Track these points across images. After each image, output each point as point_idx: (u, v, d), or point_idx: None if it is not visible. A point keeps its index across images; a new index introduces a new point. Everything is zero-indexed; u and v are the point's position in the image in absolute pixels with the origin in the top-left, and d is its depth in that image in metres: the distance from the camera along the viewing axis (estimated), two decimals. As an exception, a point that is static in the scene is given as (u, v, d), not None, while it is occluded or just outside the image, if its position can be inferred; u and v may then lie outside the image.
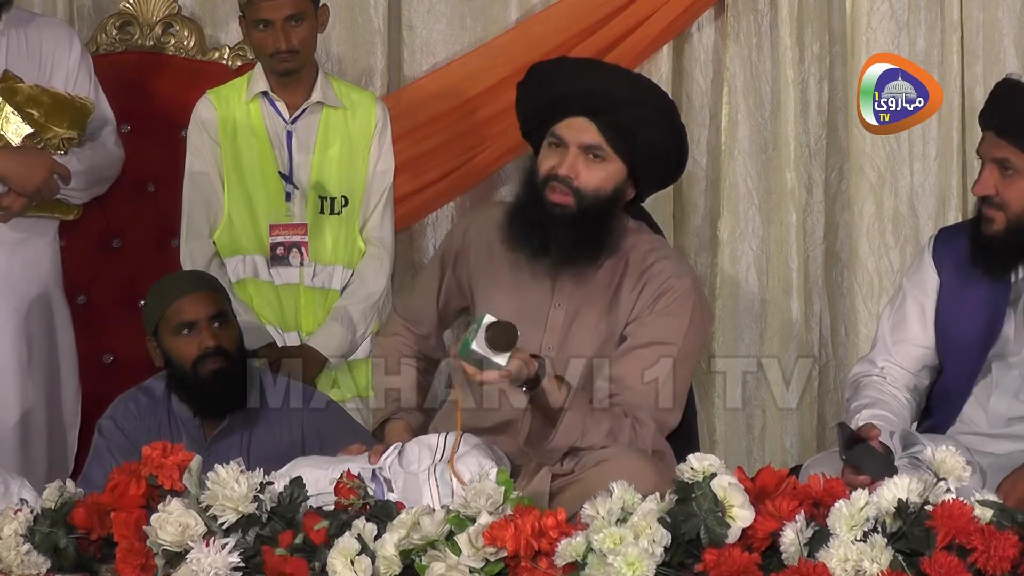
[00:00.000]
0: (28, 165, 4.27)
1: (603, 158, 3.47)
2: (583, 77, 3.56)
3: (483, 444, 3.35)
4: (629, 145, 3.47)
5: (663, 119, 3.54)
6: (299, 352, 4.36)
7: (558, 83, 3.56)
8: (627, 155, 3.48)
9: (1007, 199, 3.52)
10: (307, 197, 4.44)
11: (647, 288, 3.50)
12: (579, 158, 3.47)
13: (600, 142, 3.46)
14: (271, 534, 2.93)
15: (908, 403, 3.69)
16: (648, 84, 3.72)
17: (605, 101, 3.46)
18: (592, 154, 3.47)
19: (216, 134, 4.47)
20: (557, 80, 3.57)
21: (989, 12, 4.83)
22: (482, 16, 5.01)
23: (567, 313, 3.52)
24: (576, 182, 3.46)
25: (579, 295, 3.52)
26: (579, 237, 3.46)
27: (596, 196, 3.46)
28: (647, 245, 3.59)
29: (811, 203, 4.93)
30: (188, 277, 4.23)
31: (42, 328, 4.41)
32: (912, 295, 3.75)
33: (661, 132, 3.51)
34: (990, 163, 3.53)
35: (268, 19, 4.37)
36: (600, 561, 2.71)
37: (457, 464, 3.23)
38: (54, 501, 3.15)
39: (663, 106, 3.59)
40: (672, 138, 3.56)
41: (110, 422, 4.04)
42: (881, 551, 2.68)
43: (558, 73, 3.61)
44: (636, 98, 3.51)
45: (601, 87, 3.50)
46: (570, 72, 3.60)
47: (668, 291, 3.49)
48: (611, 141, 3.46)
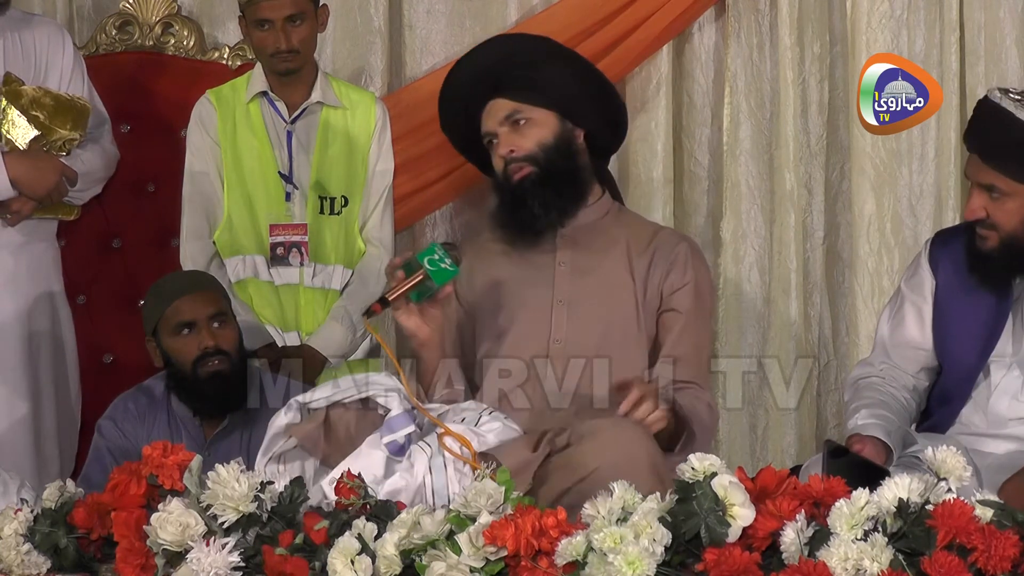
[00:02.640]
0: (39, 169, 4.28)
1: (528, 118, 3.59)
2: (468, 67, 3.71)
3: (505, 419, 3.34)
4: (540, 93, 3.59)
5: (552, 55, 3.67)
6: (299, 352, 4.36)
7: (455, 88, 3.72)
8: (545, 102, 3.60)
9: (998, 221, 3.55)
10: (307, 197, 4.44)
11: (661, 249, 3.60)
12: (510, 133, 3.59)
13: (514, 107, 3.59)
14: (271, 534, 2.93)
15: (907, 403, 3.70)
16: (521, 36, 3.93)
17: (493, 76, 3.60)
18: (515, 121, 3.59)
19: (216, 134, 4.47)
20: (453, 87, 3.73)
21: (991, 12, 4.83)
22: (481, 16, 5.01)
23: (572, 268, 3.60)
24: (520, 152, 3.58)
25: (580, 254, 3.60)
26: (554, 189, 3.57)
27: (544, 149, 3.58)
28: (640, 218, 3.79)
29: (812, 203, 4.93)
30: (187, 277, 4.23)
31: (47, 329, 4.42)
32: (909, 299, 3.76)
33: (558, 67, 3.64)
34: (977, 187, 3.56)
35: (268, 19, 4.37)
36: (600, 560, 2.70)
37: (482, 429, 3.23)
38: (54, 501, 3.15)
39: (544, 45, 3.73)
40: (571, 65, 3.68)
41: (110, 422, 4.05)
42: (881, 550, 2.68)
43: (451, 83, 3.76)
44: (517, 50, 3.66)
45: (479, 69, 3.65)
46: (458, 73, 3.74)
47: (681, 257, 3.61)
48: (524, 99, 3.59)
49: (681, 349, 3.56)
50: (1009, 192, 3.52)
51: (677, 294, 3.58)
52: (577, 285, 3.57)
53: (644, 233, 3.66)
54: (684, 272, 3.59)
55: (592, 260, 3.60)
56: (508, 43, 3.78)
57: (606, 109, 3.70)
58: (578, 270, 3.59)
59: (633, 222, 3.73)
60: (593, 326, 3.54)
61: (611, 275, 3.58)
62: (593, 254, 3.60)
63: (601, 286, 3.57)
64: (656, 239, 3.63)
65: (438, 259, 3.39)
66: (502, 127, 3.60)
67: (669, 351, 3.55)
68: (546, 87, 3.59)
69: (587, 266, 3.59)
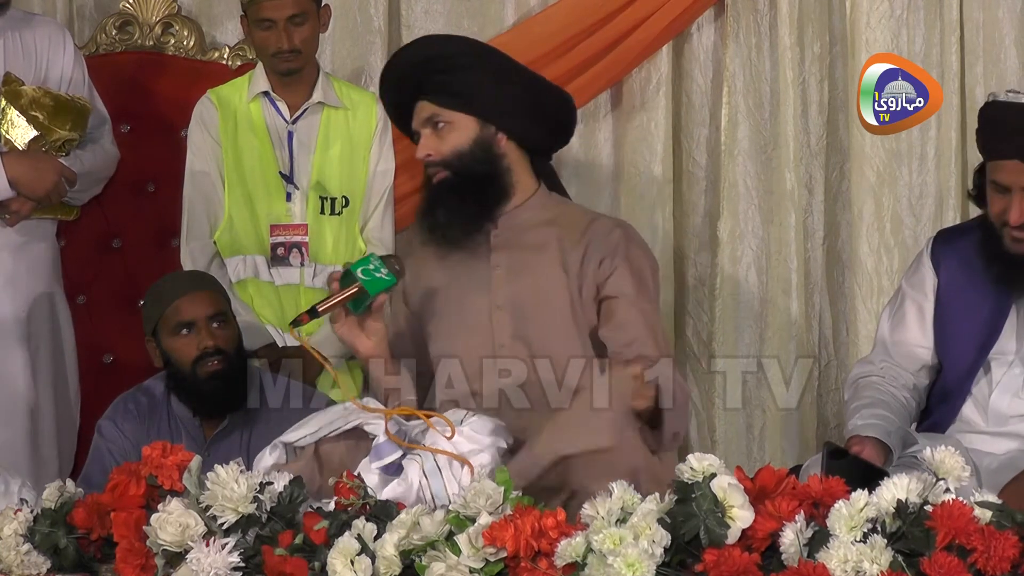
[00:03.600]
0: (38, 170, 4.28)
1: (447, 122, 3.58)
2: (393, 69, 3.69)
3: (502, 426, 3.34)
4: (458, 98, 3.58)
5: (473, 59, 3.64)
6: (299, 352, 4.35)
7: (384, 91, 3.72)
8: (464, 107, 3.58)
9: None
10: (307, 197, 4.44)
11: (594, 241, 3.57)
12: (431, 135, 3.59)
13: (433, 111, 3.59)
14: (271, 534, 2.93)
15: (908, 402, 3.70)
16: (442, 38, 3.90)
17: (416, 75, 3.59)
18: (434, 124, 3.59)
19: (217, 134, 4.47)
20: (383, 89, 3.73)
21: (990, 12, 4.83)
22: (479, 16, 5.01)
23: (507, 271, 3.58)
24: (437, 156, 3.58)
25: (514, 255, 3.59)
26: (464, 196, 3.56)
27: (459, 155, 3.57)
28: (577, 208, 3.74)
29: (812, 203, 4.93)
30: (187, 277, 4.23)
31: (47, 329, 4.42)
32: (910, 296, 3.76)
33: (478, 71, 3.61)
34: (1022, 191, 3.53)
35: (270, 19, 4.37)
36: (600, 562, 2.70)
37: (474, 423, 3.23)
38: (54, 501, 3.14)
39: (465, 49, 3.70)
40: (493, 70, 3.64)
41: (110, 423, 4.04)
42: (881, 551, 2.68)
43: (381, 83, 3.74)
44: (435, 54, 3.62)
45: (403, 67, 3.64)
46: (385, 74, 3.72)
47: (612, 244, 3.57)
48: (443, 104, 3.58)
49: (633, 331, 3.52)
50: None
51: (612, 280, 3.55)
52: (514, 288, 3.56)
53: (578, 225, 3.62)
54: (615, 258, 3.56)
55: (526, 261, 3.59)
56: (429, 46, 3.74)
57: (534, 111, 3.65)
58: (514, 272, 3.58)
59: (568, 213, 3.68)
60: (532, 329, 3.54)
61: (545, 274, 3.57)
62: (527, 254, 3.59)
63: (537, 287, 3.56)
64: (589, 230, 3.61)
65: (373, 269, 3.39)
66: (424, 128, 3.60)
67: (621, 337, 3.51)
68: (463, 92, 3.58)
69: (522, 267, 3.58)
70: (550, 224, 3.62)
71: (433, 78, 3.58)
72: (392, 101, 3.72)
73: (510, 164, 3.61)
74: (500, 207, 3.60)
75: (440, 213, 3.57)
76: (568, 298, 3.56)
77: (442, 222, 3.57)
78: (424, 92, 3.59)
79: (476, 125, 3.59)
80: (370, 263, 3.39)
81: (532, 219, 3.62)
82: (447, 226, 3.57)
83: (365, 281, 3.38)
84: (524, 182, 3.64)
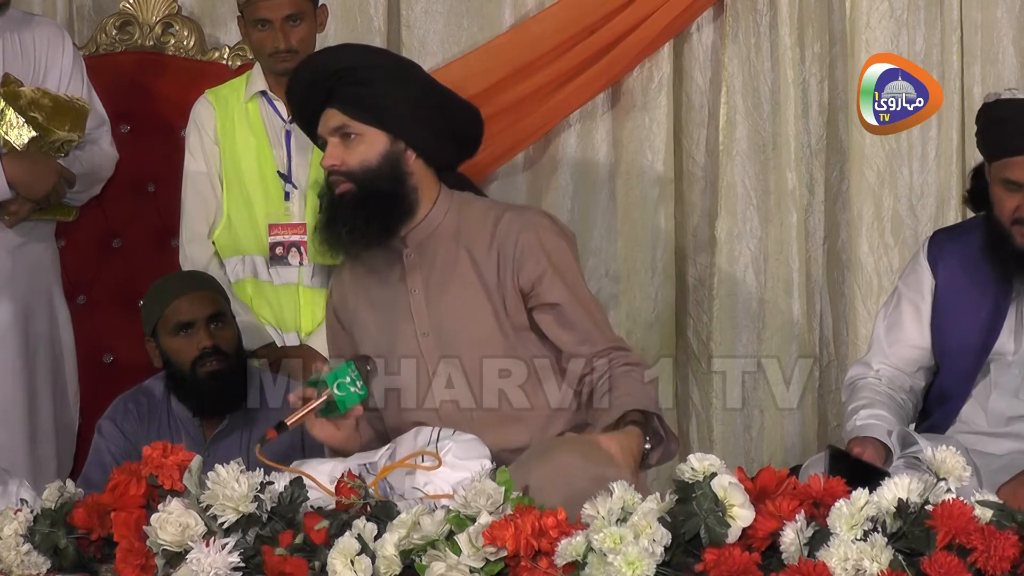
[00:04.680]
0: (37, 171, 4.28)
1: (357, 134, 3.49)
2: (304, 74, 3.60)
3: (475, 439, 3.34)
4: (369, 111, 3.49)
5: (388, 74, 3.55)
6: (299, 352, 4.36)
7: (291, 94, 3.64)
8: (375, 121, 3.50)
9: None
10: (306, 196, 4.44)
11: (505, 247, 3.50)
12: (338, 145, 3.50)
13: (344, 121, 3.49)
14: (271, 534, 2.93)
15: (904, 404, 3.70)
16: (360, 48, 3.76)
17: (328, 83, 3.50)
18: (344, 135, 3.50)
19: (215, 134, 4.47)
20: (290, 92, 3.65)
21: (988, 12, 4.83)
22: (478, 16, 5.01)
23: (426, 295, 3.52)
24: (343, 167, 3.49)
25: (428, 275, 3.53)
26: (369, 212, 3.48)
27: (366, 170, 3.48)
28: (480, 208, 3.60)
29: (812, 203, 4.93)
30: (186, 277, 4.23)
31: (45, 329, 4.42)
32: (907, 297, 3.76)
33: (391, 86, 3.53)
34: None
35: (267, 18, 4.37)
36: (600, 560, 2.70)
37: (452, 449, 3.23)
38: (54, 501, 3.15)
39: (381, 62, 3.61)
40: (408, 86, 3.55)
41: (110, 423, 4.05)
42: (881, 551, 2.68)
43: (288, 86, 3.67)
44: (351, 65, 3.53)
45: (316, 73, 3.54)
46: (293, 77, 3.64)
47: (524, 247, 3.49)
48: (353, 115, 3.49)
49: (581, 330, 3.48)
50: None
51: (543, 289, 3.48)
52: (434, 312, 3.50)
53: (484, 230, 3.53)
54: (535, 261, 3.48)
55: (441, 280, 3.51)
56: (345, 55, 3.61)
57: (444, 129, 3.57)
58: (431, 296, 3.51)
59: (472, 218, 3.57)
60: (461, 350, 3.48)
61: (463, 294, 3.50)
62: (441, 275, 3.51)
63: (456, 308, 3.50)
64: (496, 235, 3.51)
65: (348, 383, 3.33)
66: (332, 136, 3.51)
67: (572, 338, 3.47)
68: (375, 106, 3.49)
69: (438, 288, 3.51)
70: (457, 233, 3.53)
71: (347, 88, 3.49)
72: (298, 103, 3.62)
73: (417, 182, 3.52)
74: (404, 225, 3.51)
75: (343, 230, 3.48)
76: (491, 311, 3.49)
77: (344, 240, 3.49)
78: (334, 100, 3.50)
79: (386, 140, 3.49)
80: (347, 374, 3.33)
81: (438, 231, 3.53)
82: (351, 243, 3.50)
83: (338, 397, 3.32)
84: (428, 195, 3.54)
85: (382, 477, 3.19)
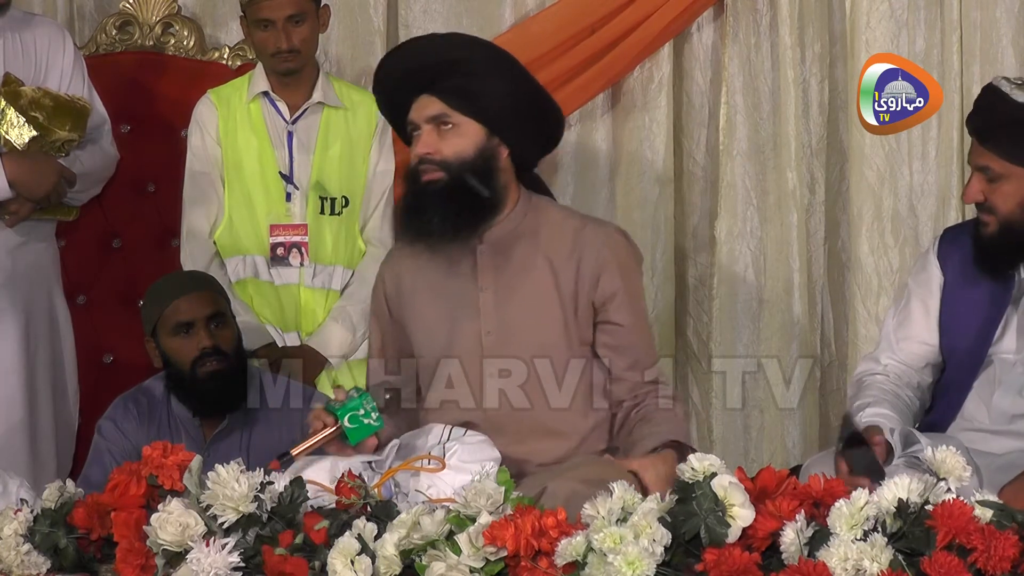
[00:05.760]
0: (38, 171, 4.28)
1: (455, 124, 3.47)
2: (405, 59, 3.57)
3: (485, 440, 3.35)
4: (472, 103, 3.47)
5: (495, 68, 3.53)
6: (299, 352, 4.36)
7: (386, 77, 3.59)
8: (475, 114, 3.47)
9: (994, 204, 3.57)
10: (307, 197, 4.44)
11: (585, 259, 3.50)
12: (432, 133, 3.47)
13: (443, 111, 3.47)
14: (271, 534, 2.93)
15: (911, 401, 3.71)
16: (469, 40, 3.72)
17: (432, 71, 3.48)
18: (442, 124, 3.47)
19: (216, 134, 4.47)
20: (385, 74, 3.60)
21: (987, 12, 4.83)
22: (478, 16, 5.01)
23: (495, 293, 3.51)
24: (438, 156, 3.46)
25: (501, 275, 3.51)
26: (459, 206, 3.46)
27: (461, 161, 3.46)
28: (559, 215, 3.60)
29: (813, 203, 4.93)
30: (186, 277, 4.23)
31: (45, 329, 4.42)
32: (917, 294, 3.77)
33: (497, 81, 3.50)
34: (976, 170, 3.57)
35: (269, 19, 4.38)
36: (600, 560, 2.71)
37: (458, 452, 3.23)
38: (54, 501, 3.15)
39: (490, 55, 3.58)
40: (512, 83, 3.53)
41: (110, 423, 4.04)
42: (881, 551, 2.68)
43: (384, 68, 3.63)
44: (461, 56, 3.51)
45: (422, 60, 3.51)
46: (393, 61, 3.61)
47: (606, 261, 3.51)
48: (454, 106, 3.47)
49: (633, 354, 3.51)
50: (1004, 174, 3.54)
51: (613, 307, 3.49)
52: (502, 312, 3.49)
53: (565, 238, 3.53)
54: (612, 277, 3.49)
55: (514, 281, 3.50)
56: (454, 47, 3.59)
57: (538, 130, 3.58)
58: (500, 295, 3.50)
59: (553, 222, 3.56)
60: (522, 353, 3.47)
61: (536, 297, 3.49)
62: (515, 276, 3.50)
63: (526, 311, 3.49)
64: (579, 243, 3.52)
65: (363, 415, 3.30)
66: (427, 124, 3.48)
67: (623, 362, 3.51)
68: (480, 99, 3.47)
69: (510, 288, 3.50)
70: (535, 236, 3.53)
71: (452, 79, 3.46)
72: (390, 86, 3.57)
73: (505, 181, 3.51)
74: (489, 221, 3.50)
75: (434, 219, 3.46)
76: (561, 319, 3.49)
77: (435, 229, 3.46)
78: (435, 88, 3.47)
79: (484, 134, 3.47)
80: (361, 407, 3.29)
81: (517, 231, 3.52)
82: (439, 234, 3.46)
83: (349, 430, 3.29)
84: (511, 194, 3.54)
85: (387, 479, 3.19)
